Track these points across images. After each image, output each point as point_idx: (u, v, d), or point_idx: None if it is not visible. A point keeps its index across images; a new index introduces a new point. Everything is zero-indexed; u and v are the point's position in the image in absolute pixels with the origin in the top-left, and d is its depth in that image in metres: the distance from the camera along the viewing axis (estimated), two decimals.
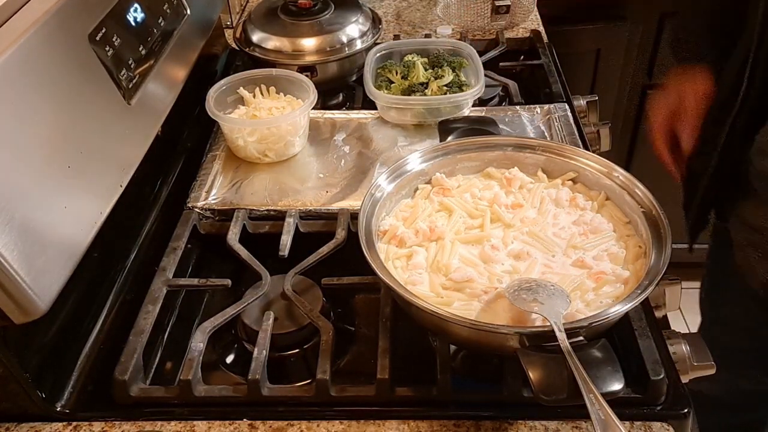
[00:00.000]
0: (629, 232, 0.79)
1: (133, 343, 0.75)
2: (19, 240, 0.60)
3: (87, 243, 0.70)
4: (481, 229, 0.79)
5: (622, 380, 0.59)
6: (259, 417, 0.71)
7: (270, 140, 1.01)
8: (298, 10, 1.21)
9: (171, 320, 0.87)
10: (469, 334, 0.67)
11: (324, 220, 0.94)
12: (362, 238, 0.73)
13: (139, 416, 0.72)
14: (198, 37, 1.09)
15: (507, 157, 0.88)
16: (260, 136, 1.01)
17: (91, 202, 0.73)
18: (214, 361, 0.82)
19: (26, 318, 0.62)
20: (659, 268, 0.69)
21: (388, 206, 0.83)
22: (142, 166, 0.83)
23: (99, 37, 0.78)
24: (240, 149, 1.03)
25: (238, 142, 1.02)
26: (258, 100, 1.08)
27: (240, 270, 0.87)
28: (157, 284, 0.83)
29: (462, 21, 1.45)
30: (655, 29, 1.72)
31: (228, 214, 0.93)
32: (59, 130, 0.69)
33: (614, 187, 0.81)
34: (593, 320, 0.64)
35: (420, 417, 0.70)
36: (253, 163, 1.03)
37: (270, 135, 1.01)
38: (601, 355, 0.61)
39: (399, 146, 1.06)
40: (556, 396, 0.59)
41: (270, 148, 1.02)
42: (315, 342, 0.79)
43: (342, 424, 0.70)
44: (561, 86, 1.20)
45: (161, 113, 0.92)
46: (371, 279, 0.80)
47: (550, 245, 0.77)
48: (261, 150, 1.02)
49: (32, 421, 0.72)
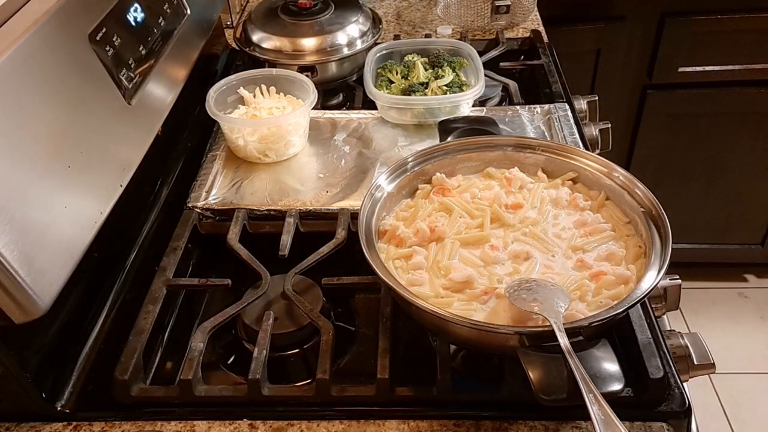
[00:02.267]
0: (629, 232, 0.79)
1: (134, 343, 0.75)
2: (19, 240, 0.60)
3: (87, 243, 0.70)
4: (481, 229, 0.79)
5: (622, 380, 0.59)
6: (259, 417, 0.71)
7: (270, 140, 1.01)
8: (298, 10, 1.21)
9: (171, 320, 0.87)
10: (469, 334, 0.67)
11: (324, 220, 0.93)
12: (362, 238, 0.73)
13: (139, 416, 0.72)
14: (198, 36, 1.09)
15: (507, 157, 0.88)
16: (260, 136, 1.01)
17: (92, 201, 0.73)
18: (214, 361, 0.82)
19: (26, 318, 0.62)
20: (659, 268, 0.69)
21: (388, 206, 0.83)
22: (142, 166, 0.83)
23: (99, 36, 0.78)
24: (240, 149, 1.02)
25: (238, 142, 1.02)
26: (258, 100, 1.08)
27: (240, 270, 0.87)
28: (157, 284, 0.83)
29: (462, 21, 1.45)
30: (655, 29, 1.72)
31: (228, 214, 0.93)
32: (59, 130, 0.69)
33: (614, 187, 0.81)
34: (593, 320, 0.64)
35: (420, 417, 0.70)
36: (254, 163, 1.03)
37: (270, 135, 1.01)
38: (601, 355, 0.61)
39: (399, 146, 1.06)
40: (556, 396, 0.59)
41: (270, 147, 1.02)
42: (315, 342, 0.79)
43: (342, 424, 0.70)
44: (561, 86, 1.20)
45: (161, 113, 0.92)
46: (371, 279, 0.80)
47: (550, 246, 0.77)
48: (261, 150, 1.02)
49: (32, 420, 0.72)
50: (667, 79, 1.80)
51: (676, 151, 1.90)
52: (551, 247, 0.77)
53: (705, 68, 1.77)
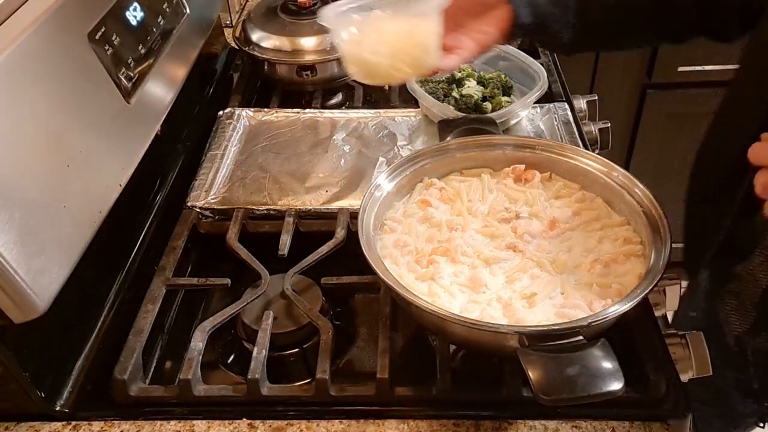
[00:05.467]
0: (629, 232, 0.78)
1: (133, 343, 0.75)
2: (19, 239, 0.60)
3: (86, 242, 0.70)
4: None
5: (621, 380, 0.59)
6: (258, 416, 0.71)
7: (405, 49, 0.82)
8: (297, 9, 1.21)
9: (170, 320, 0.87)
10: (469, 333, 0.67)
11: (323, 220, 0.93)
12: (362, 238, 0.73)
13: (139, 416, 0.72)
14: (197, 36, 1.09)
15: (507, 157, 0.88)
16: (392, 48, 0.81)
17: (91, 201, 0.73)
18: (213, 361, 0.82)
19: (25, 317, 0.62)
20: (659, 268, 0.69)
21: (387, 206, 0.83)
22: (141, 166, 0.83)
23: (98, 36, 0.78)
24: (371, 69, 0.83)
25: (368, 59, 0.81)
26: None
27: (239, 269, 0.87)
28: (156, 284, 0.83)
29: None
30: None
31: (227, 213, 0.93)
32: (58, 129, 0.69)
33: (614, 186, 0.81)
34: (593, 320, 0.64)
35: (420, 416, 0.70)
36: (253, 162, 1.02)
37: (404, 39, 0.82)
38: (600, 354, 0.61)
39: (399, 146, 1.06)
40: (556, 396, 0.58)
41: (404, 59, 0.82)
42: (314, 341, 0.79)
43: (342, 424, 0.70)
44: (561, 86, 1.20)
45: (161, 112, 0.92)
46: (371, 278, 0.80)
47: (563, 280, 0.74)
48: (396, 65, 0.82)
49: (31, 420, 0.71)
50: (667, 79, 1.80)
51: (676, 151, 1.90)
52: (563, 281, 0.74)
53: (705, 68, 1.76)
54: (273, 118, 1.12)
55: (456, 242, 0.77)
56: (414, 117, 1.11)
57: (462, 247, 0.77)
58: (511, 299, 0.70)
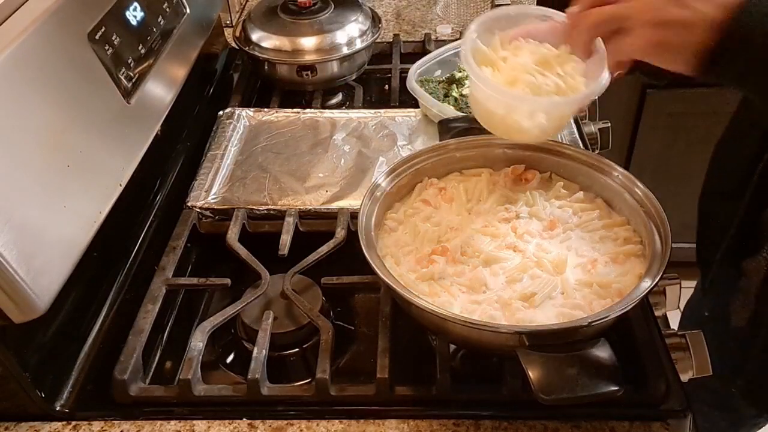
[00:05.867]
0: (629, 232, 0.78)
1: (133, 343, 0.75)
2: (18, 239, 0.60)
3: (86, 242, 0.70)
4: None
5: (621, 380, 0.59)
6: (258, 416, 0.71)
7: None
8: (297, 9, 1.21)
9: (170, 320, 0.87)
10: (469, 333, 0.67)
11: (323, 220, 0.93)
12: (362, 238, 0.73)
13: (139, 416, 0.72)
14: (197, 36, 1.09)
15: (507, 157, 0.88)
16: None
17: (91, 201, 0.73)
18: (213, 361, 0.82)
19: (25, 317, 0.62)
20: (659, 268, 0.69)
21: (387, 205, 0.83)
22: (141, 166, 0.83)
23: (98, 36, 0.78)
24: (520, 131, 0.75)
25: (519, 124, 0.73)
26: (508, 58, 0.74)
27: (240, 269, 0.87)
28: (156, 284, 0.83)
29: (462, 20, 1.45)
30: None
31: (228, 213, 0.93)
32: (58, 129, 0.69)
33: (614, 186, 0.81)
34: (593, 320, 0.64)
35: (419, 416, 0.70)
36: (253, 162, 1.03)
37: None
38: (600, 355, 0.61)
39: (399, 146, 1.06)
40: (556, 396, 0.58)
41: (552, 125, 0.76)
42: (315, 341, 0.79)
43: (342, 424, 0.70)
44: None
45: (161, 112, 0.92)
46: (371, 278, 0.80)
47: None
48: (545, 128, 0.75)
49: (31, 420, 0.72)
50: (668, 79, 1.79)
51: (676, 151, 1.90)
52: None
53: None
54: (273, 118, 1.12)
55: (456, 242, 0.77)
56: (414, 117, 1.11)
57: (462, 247, 0.77)
58: (511, 299, 0.70)
